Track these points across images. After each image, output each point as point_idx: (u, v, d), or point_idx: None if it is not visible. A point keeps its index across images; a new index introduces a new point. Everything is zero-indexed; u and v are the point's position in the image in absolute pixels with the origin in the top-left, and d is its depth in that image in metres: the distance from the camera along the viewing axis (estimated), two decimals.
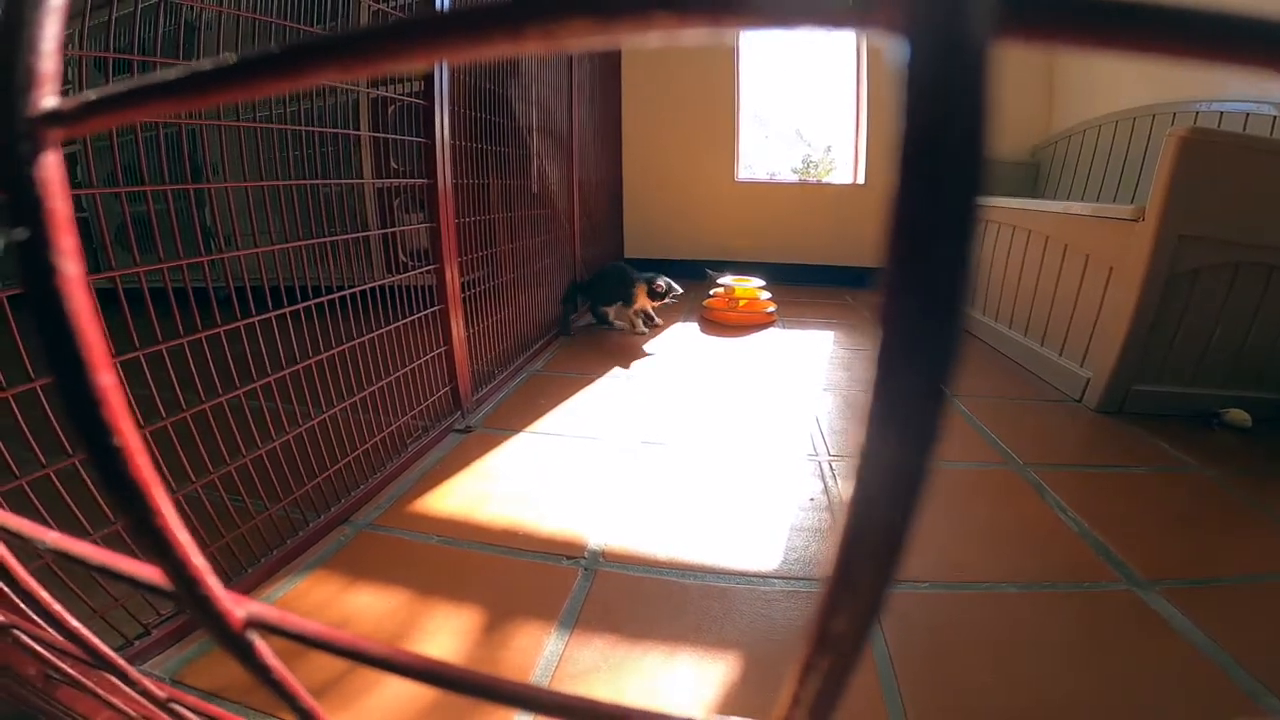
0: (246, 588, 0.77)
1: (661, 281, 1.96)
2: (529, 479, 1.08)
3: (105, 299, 0.61)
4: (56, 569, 0.52)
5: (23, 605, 0.27)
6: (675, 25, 0.08)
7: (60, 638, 0.22)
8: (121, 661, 0.19)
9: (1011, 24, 0.07)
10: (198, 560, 0.11)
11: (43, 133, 0.10)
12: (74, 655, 0.22)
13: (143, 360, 0.69)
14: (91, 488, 0.56)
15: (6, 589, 0.28)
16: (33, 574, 0.20)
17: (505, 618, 0.75)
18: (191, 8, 0.78)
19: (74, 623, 0.17)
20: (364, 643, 0.12)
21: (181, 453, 0.72)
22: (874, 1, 0.07)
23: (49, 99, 0.10)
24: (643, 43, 0.09)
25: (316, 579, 0.81)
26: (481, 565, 0.84)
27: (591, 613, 0.75)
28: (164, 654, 0.67)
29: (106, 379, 0.10)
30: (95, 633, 0.24)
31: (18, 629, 0.22)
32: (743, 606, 0.77)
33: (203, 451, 0.75)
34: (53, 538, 0.14)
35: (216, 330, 0.75)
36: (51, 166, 0.10)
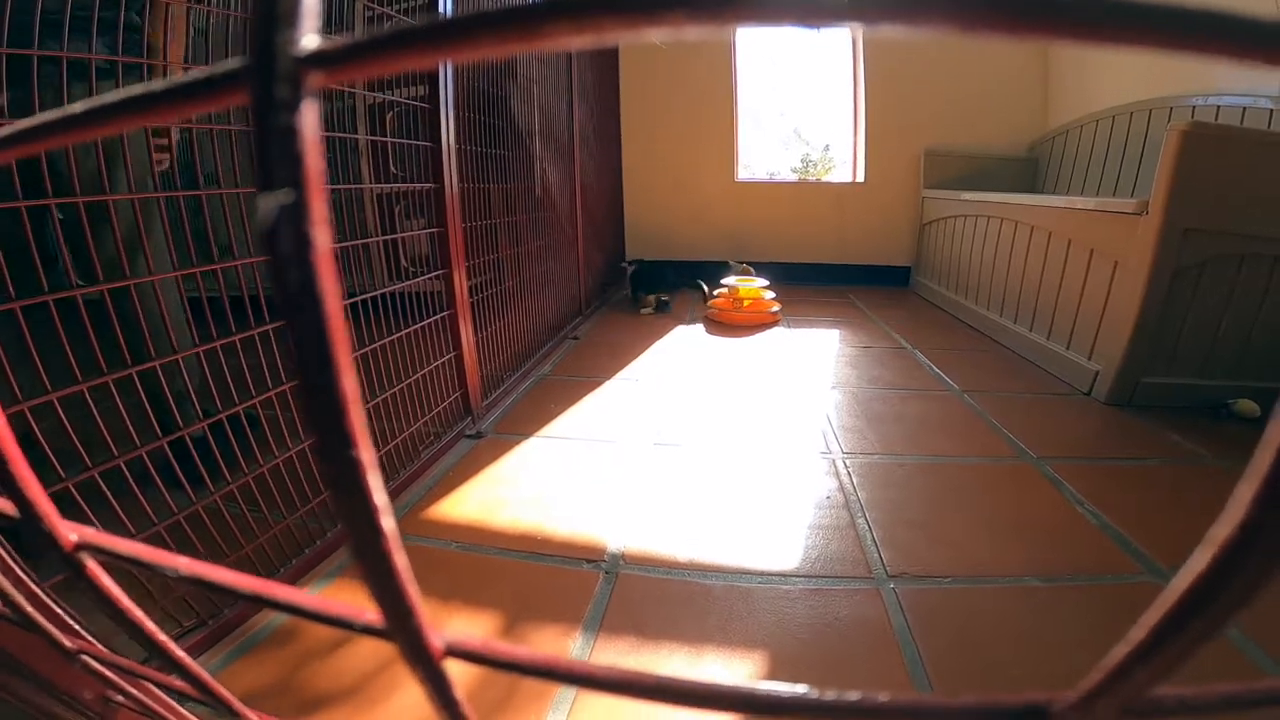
0: None
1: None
2: (543, 483, 1.07)
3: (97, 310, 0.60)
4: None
5: (82, 632, 0.27)
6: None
7: (157, 671, 0.21)
8: (233, 698, 0.18)
9: None
10: (413, 590, 0.11)
11: (305, 75, 0.08)
12: (168, 685, 0.21)
13: (159, 371, 0.69)
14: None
15: (66, 617, 0.27)
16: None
17: (528, 623, 0.74)
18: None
19: (197, 668, 0.17)
20: (556, 660, 0.12)
21: (199, 462, 0.72)
22: None
23: (311, 37, 0.09)
24: (700, 37, 0.08)
25: (337, 587, 0.80)
26: (501, 571, 0.84)
27: (615, 616, 0.75)
28: None
29: (349, 383, 0.09)
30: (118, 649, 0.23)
31: (86, 654, 0.21)
32: (766, 606, 0.76)
33: (220, 461, 0.74)
34: (184, 563, 0.13)
35: (231, 339, 0.74)
36: (312, 117, 0.09)
